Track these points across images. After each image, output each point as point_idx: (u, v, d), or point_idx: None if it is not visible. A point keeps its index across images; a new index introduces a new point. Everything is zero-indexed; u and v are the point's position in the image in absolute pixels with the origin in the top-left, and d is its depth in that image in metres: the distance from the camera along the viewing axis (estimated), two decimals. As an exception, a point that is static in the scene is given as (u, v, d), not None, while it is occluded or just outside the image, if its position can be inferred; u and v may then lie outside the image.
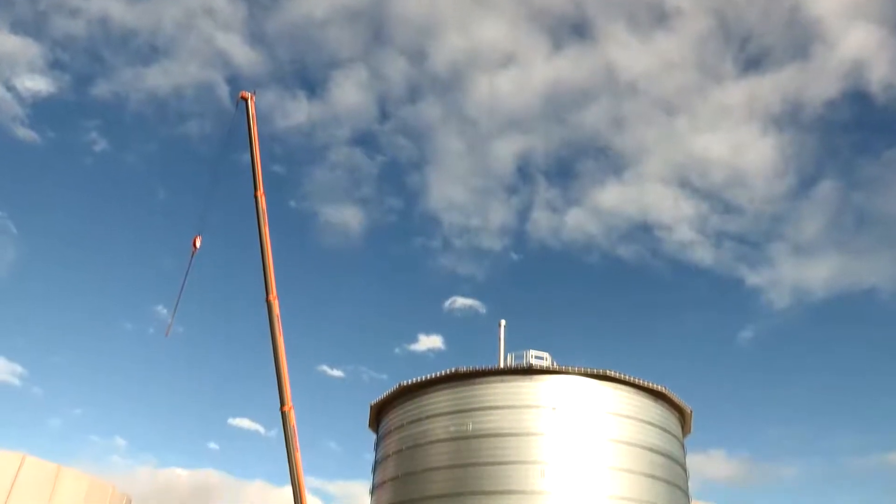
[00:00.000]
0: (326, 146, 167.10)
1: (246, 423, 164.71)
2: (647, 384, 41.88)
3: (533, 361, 42.05)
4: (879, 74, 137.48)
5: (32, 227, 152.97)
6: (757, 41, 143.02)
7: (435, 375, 42.59)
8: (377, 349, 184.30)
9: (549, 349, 42.90)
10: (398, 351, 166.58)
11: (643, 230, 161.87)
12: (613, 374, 41.10)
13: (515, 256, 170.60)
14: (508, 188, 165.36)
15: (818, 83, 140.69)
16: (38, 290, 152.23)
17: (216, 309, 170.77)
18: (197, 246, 45.49)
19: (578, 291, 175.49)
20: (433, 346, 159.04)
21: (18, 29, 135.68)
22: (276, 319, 43.81)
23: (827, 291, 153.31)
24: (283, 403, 42.64)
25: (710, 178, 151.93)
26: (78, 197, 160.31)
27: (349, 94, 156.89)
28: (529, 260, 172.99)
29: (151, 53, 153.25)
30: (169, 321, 48.33)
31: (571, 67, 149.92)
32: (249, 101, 48.27)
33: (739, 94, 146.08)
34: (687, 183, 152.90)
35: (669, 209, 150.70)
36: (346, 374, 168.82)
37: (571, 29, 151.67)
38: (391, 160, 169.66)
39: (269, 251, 44.92)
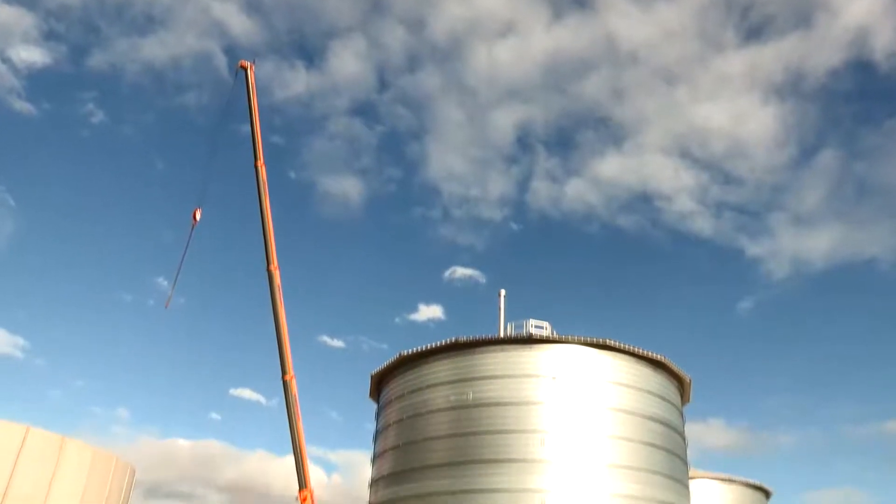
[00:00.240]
0: (325, 116, 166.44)
1: (247, 393, 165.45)
2: (646, 353, 42.04)
3: (533, 331, 42.19)
4: (883, 42, 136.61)
5: (30, 199, 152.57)
6: (759, 10, 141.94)
7: (435, 345, 42.73)
8: (377, 319, 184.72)
9: (549, 319, 43.10)
10: (398, 321, 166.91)
11: (643, 200, 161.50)
12: (613, 343, 41.24)
13: (515, 226, 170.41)
14: (508, 158, 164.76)
15: (821, 52, 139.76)
16: (37, 262, 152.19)
17: (217, 280, 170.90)
18: (197, 218, 45.50)
19: (578, 261, 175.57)
20: (433, 315, 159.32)
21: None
22: (276, 289, 43.93)
23: (827, 262, 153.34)
24: (284, 372, 42.84)
25: (710, 148, 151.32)
26: (76, 169, 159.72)
27: (348, 63, 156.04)
28: (529, 230, 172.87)
29: (147, 24, 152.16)
30: (169, 293, 48.46)
31: (571, 37, 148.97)
32: (249, 70, 48.09)
33: (741, 63, 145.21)
34: (687, 153, 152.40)
35: (669, 179, 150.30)
36: (346, 344, 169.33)
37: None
38: (390, 130, 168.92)
39: (269, 221, 44.95)
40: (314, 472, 43.11)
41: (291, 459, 41.61)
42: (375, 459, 45.67)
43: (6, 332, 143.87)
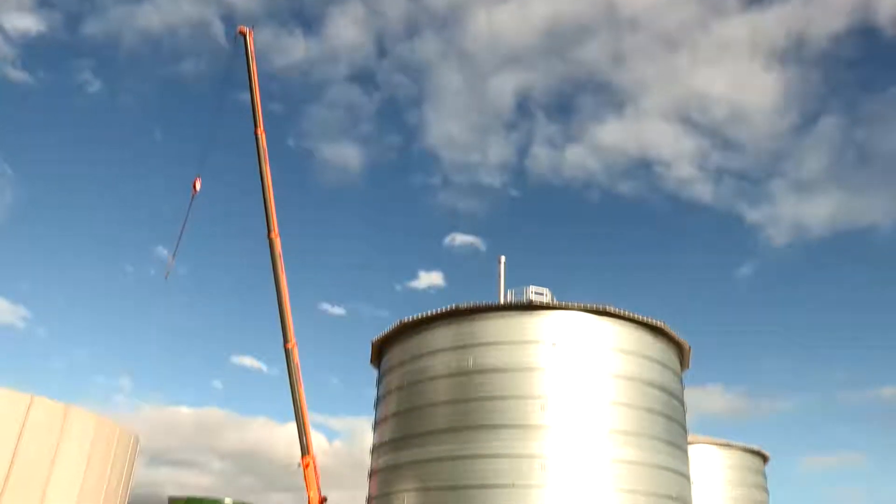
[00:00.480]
0: (324, 84, 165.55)
1: (249, 361, 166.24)
2: (646, 320, 42.16)
3: (533, 297, 42.29)
4: (888, 7, 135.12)
5: (29, 169, 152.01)
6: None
7: (435, 312, 42.82)
8: (377, 287, 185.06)
9: (549, 285, 43.18)
10: (399, 288, 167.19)
11: (643, 167, 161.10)
12: (613, 309, 41.34)
13: (515, 193, 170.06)
14: (508, 124, 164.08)
15: (824, 17, 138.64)
16: (37, 232, 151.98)
17: (217, 249, 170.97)
18: (197, 188, 45.47)
19: (578, 227, 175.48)
20: (433, 282, 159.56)
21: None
22: (277, 257, 44.07)
23: (826, 228, 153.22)
24: (286, 340, 43.12)
25: (710, 114, 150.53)
26: (73, 138, 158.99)
27: (346, 30, 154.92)
28: (529, 196, 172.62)
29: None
30: (169, 264, 48.48)
31: (571, 2, 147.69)
32: (248, 35, 47.79)
33: (742, 28, 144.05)
34: (687, 119, 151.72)
35: (669, 145, 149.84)
36: (346, 311, 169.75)
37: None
38: (389, 97, 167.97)
39: (269, 188, 44.96)
40: (316, 438, 43.46)
41: (293, 426, 42.00)
42: (377, 426, 45.99)
43: (7, 301, 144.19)
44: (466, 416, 39.38)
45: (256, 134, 45.52)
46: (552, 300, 42.08)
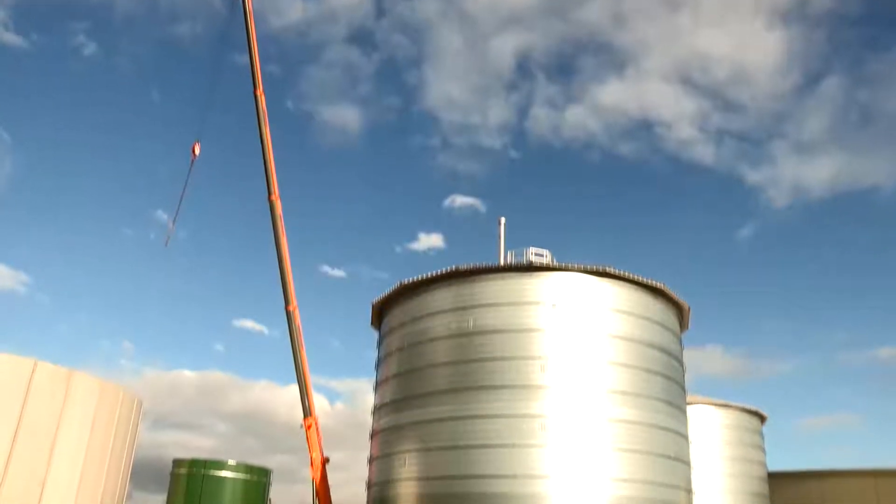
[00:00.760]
0: (322, 45, 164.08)
1: (250, 324, 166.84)
2: (645, 281, 42.23)
3: (533, 259, 42.31)
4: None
5: (25, 134, 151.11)
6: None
7: (435, 273, 42.84)
8: (377, 248, 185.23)
9: (549, 246, 43.18)
10: (399, 250, 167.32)
11: (644, 128, 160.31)
12: (613, 270, 41.39)
13: (515, 154, 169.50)
14: (508, 85, 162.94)
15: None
16: (35, 198, 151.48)
17: (217, 212, 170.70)
18: (196, 153, 45.22)
19: (578, 189, 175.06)
20: (433, 244, 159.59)
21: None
22: (278, 219, 44.07)
23: (827, 190, 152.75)
24: (287, 302, 43.27)
25: (712, 74, 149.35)
26: (69, 102, 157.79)
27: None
28: (529, 157, 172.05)
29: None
30: (169, 230, 48.42)
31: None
32: (247, -6, 47.25)
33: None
34: (688, 80, 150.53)
35: (670, 106, 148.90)
36: (346, 273, 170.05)
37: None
38: (388, 58, 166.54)
39: (269, 150, 44.77)
40: (318, 400, 43.81)
41: (295, 388, 42.30)
42: (378, 387, 46.29)
43: (7, 267, 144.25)
44: (467, 376, 39.61)
45: (256, 95, 45.20)
46: (552, 262, 42.12)
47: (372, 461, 44.67)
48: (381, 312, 48.42)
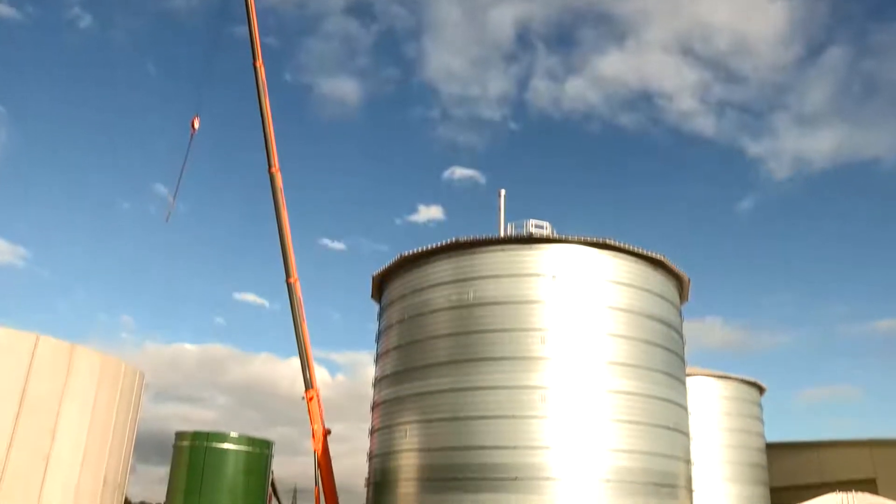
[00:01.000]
0: (320, 16, 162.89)
1: (251, 297, 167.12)
2: (646, 253, 42.21)
3: (533, 230, 42.32)
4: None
5: (22, 108, 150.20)
6: None
7: (435, 245, 42.82)
8: (377, 221, 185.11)
9: (549, 218, 43.21)
10: (398, 222, 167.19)
11: (644, 99, 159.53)
12: (613, 242, 41.35)
13: (515, 126, 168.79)
14: (507, 56, 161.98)
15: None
16: (33, 172, 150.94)
17: (217, 186, 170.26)
18: (195, 127, 44.92)
19: (579, 161, 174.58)
20: (433, 216, 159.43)
21: None
22: (278, 191, 43.93)
23: (828, 162, 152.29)
24: (288, 275, 43.25)
25: (713, 45, 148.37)
26: (65, 75, 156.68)
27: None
28: (529, 129, 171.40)
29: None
30: (170, 205, 48.19)
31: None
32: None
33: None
34: (689, 50, 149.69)
35: (671, 77, 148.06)
36: (346, 246, 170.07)
37: None
38: (387, 29, 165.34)
39: (269, 122, 44.55)
40: (319, 372, 43.94)
41: (296, 361, 42.42)
42: (378, 359, 46.41)
43: (6, 241, 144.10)
44: (467, 348, 39.72)
45: (255, 67, 44.86)
46: (552, 233, 42.13)
47: (373, 433, 44.91)
48: (381, 285, 48.45)
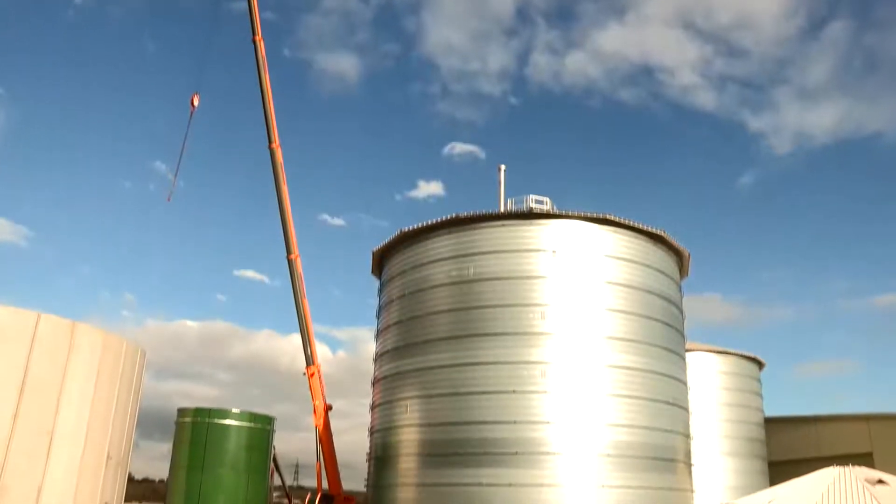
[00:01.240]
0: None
1: (251, 273, 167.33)
2: (646, 228, 42.26)
3: (533, 206, 42.34)
4: None
5: (22, 88, 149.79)
6: None
7: (435, 221, 42.88)
8: (377, 197, 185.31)
9: (549, 194, 43.23)
10: (398, 198, 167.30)
11: (645, 73, 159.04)
12: (613, 217, 41.39)
13: (515, 101, 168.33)
14: (507, 31, 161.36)
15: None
16: (33, 152, 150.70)
17: (217, 163, 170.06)
18: (195, 104, 44.80)
19: (579, 136, 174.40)
20: (433, 192, 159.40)
21: None
22: (279, 167, 43.89)
23: (830, 136, 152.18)
24: (289, 252, 43.32)
25: (715, 19, 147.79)
26: (64, 54, 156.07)
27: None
28: (529, 104, 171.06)
29: None
30: (172, 183, 48.03)
31: None
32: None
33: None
34: (691, 24, 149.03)
35: (672, 52, 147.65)
36: (346, 222, 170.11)
37: None
38: (386, 4, 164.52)
39: (269, 98, 44.43)
40: (320, 348, 44.11)
41: (297, 337, 42.61)
42: (379, 335, 46.56)
43: (9, 221, 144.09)
44: (467, 324, 39.86)
45: (255, 41, 44.61)
46: (552, 209, 42.15)
47: (374, 408, 45.12)
48: (381, 260, 48.52)
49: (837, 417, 68.31)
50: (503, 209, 43.45)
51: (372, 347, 47.47)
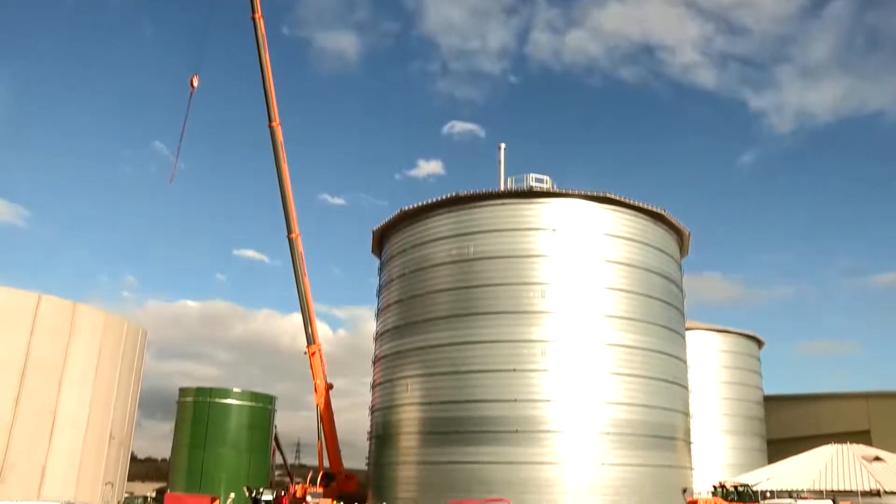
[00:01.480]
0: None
1: (251, 253, 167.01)
2: (646, 206, 42.12)
3: (533, 184, 42.22)
4: None
5: (22, 70, 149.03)
6: None
7: (435, 200, 42.77)
8: (377, 176, 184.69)
9: (549, 172, 43.12)
10: (398, 177, 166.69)
11: (646, 52, 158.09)
12: (613, 196, 41.24)
13: (515, 79, 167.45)
14: (507, 8, 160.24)
15: None
16: (33, 133, 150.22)
17: (217, 143, 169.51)
18: (194, 85, 44.63)
19: (579, 114, 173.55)
20: (433, 171, 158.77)
21: None
22: (279, 146, 43.78)
23: (831, 114, 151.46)
24: (290, 231, 43.29)
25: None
26: (64, 36, 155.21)
27: None
28: (529, 83, 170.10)
29: None
30: (173, 165, 47.91)
31: None
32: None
33: None
34: (692, 2, 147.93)
35: (673, 30, 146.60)
36: (346, 201, 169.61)
37: None
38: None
39: (269, 77, 44.28)
40: (320, 327, 44.16)
41: (297, 317, 42.77)
42: (379, 313, 46.56)
43: (6, 201, 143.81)
44: (468, 302, 39.85)
45: (254, 19, 44.37)
46: (552, 187, 42.03)
47: (375, 387, 45.20)
48: (381, 239, 48.42)
49: (836, 396, 68.53)
50: (503, 188, 43.32)
51: (372, 326, 47.54)
